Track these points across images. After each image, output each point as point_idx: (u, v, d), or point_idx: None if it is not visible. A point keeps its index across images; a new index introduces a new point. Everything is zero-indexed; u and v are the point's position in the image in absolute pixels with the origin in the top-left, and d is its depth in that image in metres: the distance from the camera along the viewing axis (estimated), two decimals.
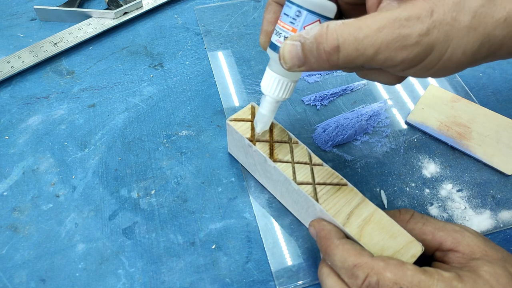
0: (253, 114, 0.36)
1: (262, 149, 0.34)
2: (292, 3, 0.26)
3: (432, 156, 0.42)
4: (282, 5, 0.29)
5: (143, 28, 0.53)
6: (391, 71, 0.25)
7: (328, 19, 0.26)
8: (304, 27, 0.26)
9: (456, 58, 0.22)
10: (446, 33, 0.22)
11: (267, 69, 0.30)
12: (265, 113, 0.32)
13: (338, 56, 0.23)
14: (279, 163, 0.33)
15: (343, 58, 0.23)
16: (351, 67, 0.26)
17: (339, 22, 0.23)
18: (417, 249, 0.29)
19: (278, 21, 0.27)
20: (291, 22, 0.26)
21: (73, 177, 0.40)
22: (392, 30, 0.22)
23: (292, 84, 0.30)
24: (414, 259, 0.28)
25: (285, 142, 0.35)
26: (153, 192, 0.39)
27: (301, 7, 0.26)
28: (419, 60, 0.23)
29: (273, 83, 0.29)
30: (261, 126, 0.33)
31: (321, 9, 0.26)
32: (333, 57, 0.23)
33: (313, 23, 0.26)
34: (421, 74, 0.24)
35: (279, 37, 0.27)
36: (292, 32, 0.26)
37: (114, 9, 0.52)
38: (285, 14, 0.27)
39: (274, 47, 0.28)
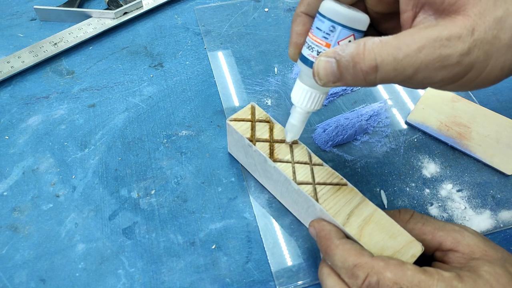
0: (253, 114, 0.36)
1: (262, 149, 0.34)
2: (325, 17, 0.25)
3: (432, 156, 0.42)
4: (311, 16, 0.28)
5: (143, 28, 0.53)
6: (428, 86, 0.24)
7: (362, 32, 0.26)
8: (338, 42, 0.25)
9: (494, 75, 0.22)
10: (487, 52, 0.21)
11: (298, 81, 0.30)
12: (295, 123, 0.32)
13: (375, 76, 0.23)
14: (279, 163, 0.33)
15: (380, 77, 0.23)
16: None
17: (377, 40, 0.22)
18: (417, 249, 0.29)
19: (310, 35, 0.27)
20: (325, 37, 0.26)
21: (73, 177, 0.40)
22: (433, 50, 0.21)
23: (322, 96, 0.30)
24: (414, 259, 0.28)
25: (285, 142, 0.35)
26: (153, 192, 0.39)
27: (335, 22, 0.25)
28: (457, 79, 0.22)
29: (304, 96, 0.29)
30: (291, 136, 0.33)
31: (355, 23, 0.25)
32: (371, 76, 0.23)
33: (347, 37, 0.25)
34: (457, 89, 0.24)
35: (312, 51, 0.27)
36: (326, 47, 0.26)
37: (114, 9, 0.52)
38: (317, 28, 0.26)
39: (306, 61, 0.27)
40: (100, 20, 0.52)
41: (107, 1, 0.54)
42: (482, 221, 0.38)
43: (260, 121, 0.36)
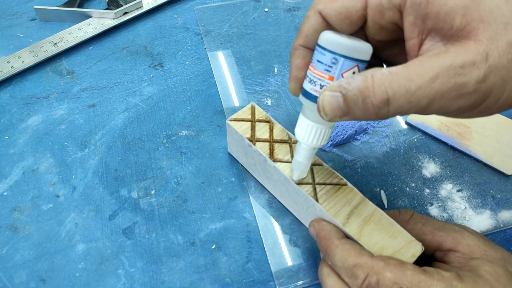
0: (253, 114, 0.36)
1: (262, 149, 0.34)
2: (326, 49, 0.24)
3: (432, 156, 0.42)
4: (310, 49, 0.27)
5: (143, 28, 0.53)
6: (443, 116, 0.23)
7: (365, 62, 0.25)
8: (342, 74, 0.24)
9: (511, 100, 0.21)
10: (503, 77, 0.20)
11: (301, 116, 0.28)
12: (301, 160, 0.30)
13: (388, 109, 0.22)
14: (279, 163, 0.33)
15: (393, 110, 0.22)
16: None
17: (385, 71, 0.21)
18: (417, 249, 0.29)
19: (311, 68, 0.26)
20: (327, 70, 0.25)
21: (73, 177, 0.40)
22: (447, 79, 0.20)
23: (328, 130, 0.28)
24: (414, 259, 0.28)
25: (285, 142, 0.35)
26: (153, 192, 0.39)
27: (337, 53, 0.24)
28: (475, 106, 0.21)
29: (310, 131, 0.28)
30: (298, 174, 0.31)
31: (358, 53, 0.24)
32: (383, 110, 0.22)
33: (351, 69, 0.24)
34: (474, 116, 0.23)
35: (314, 85, 0.25)
36: (329, 80, 0.25)
37: (114, 9, 0.52)
38: (318, 61, 0.25)
39: (309, 96, 0.26)
40: (100, 20, 0.52)
41: (107, 1, 0.54)
42: (482, 221, 0.38)
43: (260, 121, 0.36)
